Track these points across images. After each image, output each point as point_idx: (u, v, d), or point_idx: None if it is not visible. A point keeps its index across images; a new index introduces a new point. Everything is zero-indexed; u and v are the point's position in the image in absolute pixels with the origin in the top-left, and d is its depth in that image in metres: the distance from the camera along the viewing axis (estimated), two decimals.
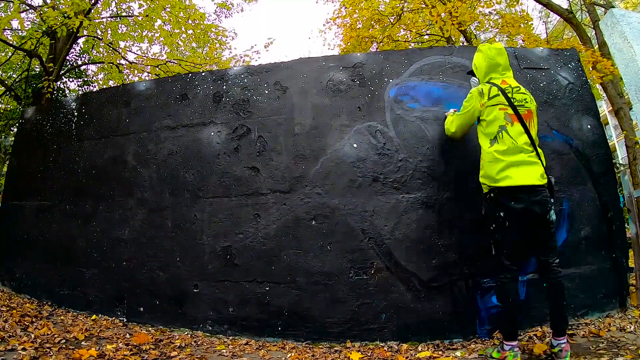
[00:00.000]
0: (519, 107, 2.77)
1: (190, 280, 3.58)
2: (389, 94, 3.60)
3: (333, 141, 3.54)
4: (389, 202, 3.37)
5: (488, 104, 2.79)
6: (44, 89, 8.07)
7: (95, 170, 4.12)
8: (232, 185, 3.64)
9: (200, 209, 3.67)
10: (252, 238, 3.50)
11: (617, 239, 3.42)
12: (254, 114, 3.74)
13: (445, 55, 3.71)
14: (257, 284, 3.42)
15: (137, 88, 4.23)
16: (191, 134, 3.85)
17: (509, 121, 2.75)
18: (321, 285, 3.32)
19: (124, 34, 9.93)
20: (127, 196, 3.93)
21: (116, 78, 9.79)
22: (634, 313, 3.24)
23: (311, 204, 3.44)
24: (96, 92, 5.62)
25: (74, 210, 4.11)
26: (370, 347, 3.12)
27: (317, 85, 3.69)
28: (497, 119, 2.76)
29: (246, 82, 3.84)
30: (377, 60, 3.73)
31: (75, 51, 11.80)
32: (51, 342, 2.84)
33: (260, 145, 3.65)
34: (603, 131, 3.68)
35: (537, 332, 3.06)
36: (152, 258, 3.72)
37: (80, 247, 3.99)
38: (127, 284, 3.76)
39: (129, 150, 4.02)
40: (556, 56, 3.84)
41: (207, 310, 3.50)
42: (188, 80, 4.04)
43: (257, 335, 3.35)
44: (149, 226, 3.80)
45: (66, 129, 4.38)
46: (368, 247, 3.32)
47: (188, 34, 9.37)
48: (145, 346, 2.99)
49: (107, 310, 3.77)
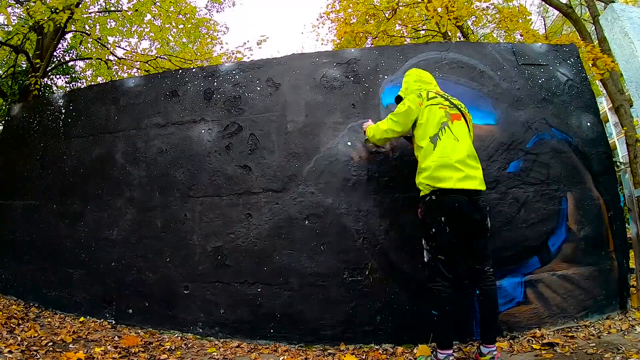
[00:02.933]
0: (459, 109, 2.80)
1: (181, 281, 3.52)
2: (384, 90, 3.55)
3: (327, 139, 3.49)
4: (384, 201, 3.32)
5: (427, 104, 2.77)
6: (30, 85, 7.93)
7: (83, 169, 4.05)
8: (223, 184, 3.58)
9: (191, 208, 3.61)
10: (243, 238, 3.44)
11: (617, 239, 3.39)
12: (246, 111, 3.68)
13: (441, 51, 3.68)
14: (249, 285, 3.37)
15: (126, 85, 4.17)
16: (181, 131, 3.79)
17: (449, 119, 2.73)
18: (314, 287, 3.27)
19: (112, 29, 9.76)
20: (116, 195, 3.86)
21: (105, 74, 9.69)
22: (634, 315, 3.20)
23: (304, 203, 3.39)
24: (84, 88, 5.57)
25: (62, 209, 4.04)
26: (365, 349, 3.08)
27: (311, 82, 3.65)
28: (438, 116, 2.72)
29: (238, 78, 3.79)
30: (372, 56, 3.69)
31: (62, 47, 11.65)
32: (38, 344, 2.81)
33: (252, 143, 3.60)
34: (603, 129, 3.66)
35: (535, 334, 3.02)
36: (141, 259, 3.66)
37: (68, 248, 3.92)
38: (116, 285, 3.70)
39: (117, 148, 3.95)
40: (555, 52, 3.80)
41: (197, 312, 3.44)
42: (178, 76, 3.98)
43: (249, 338, 3.30)
44: (138, 226, 3.74)
45: (53, 126, 4.30)
46: (362, 248, 3.27)
47: (178, 28, 9.27)
48: (135, 349, 2.95)
49: (95, 312, 3.71)
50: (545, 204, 3.31)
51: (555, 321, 3.13)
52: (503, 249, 3.18)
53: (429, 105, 2.75)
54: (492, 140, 3.39)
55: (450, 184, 2.56)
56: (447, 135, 2.67)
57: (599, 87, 11.45)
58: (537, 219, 3.28)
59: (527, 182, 3.34)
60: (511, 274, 3.17)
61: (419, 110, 2.78)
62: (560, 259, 3.24)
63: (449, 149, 2.64)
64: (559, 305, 3.17)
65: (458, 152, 2.63)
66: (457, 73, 3.57)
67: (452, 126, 2.70)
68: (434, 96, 2.80)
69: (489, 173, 3.30)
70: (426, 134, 2.73)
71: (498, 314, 2.69)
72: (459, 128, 2.72)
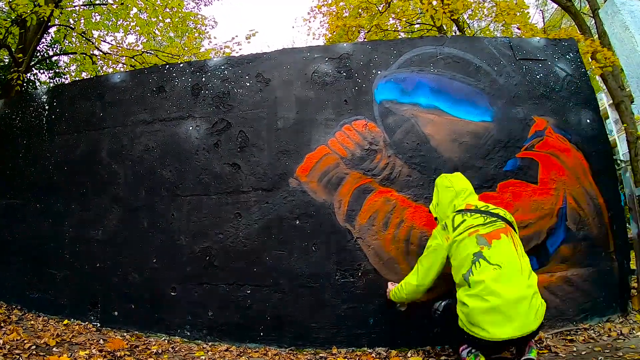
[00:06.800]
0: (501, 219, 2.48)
1: (168, 283, 3.47)
2: (378, 86, 3.49)
3: (318, 136, 3.43)
4: (377, 199, 3.27)
5: (453, 237, 2.48)
6: (13, 80, 7.78)
7: (67, 167, 3.97)
8: (212, 182, 3.52)
9: (178, 207, 3.55)
10: (232, 238, 3.39)
11: (617, 240, 3.34)
12: (235, 108, 3.61)
13: (436, 45, 3.62)
14: (238, 287, 3.32)
15: (112, 80, 4.08)
16: (168, 128, 3.72)
17: (486, 243, 2.37)
18: (305, 288, 3.23)
19: (97, 23, 9.60)
20: (101, 194, 3.78)
21: (89, 69, 9.50)
22: (635, 317, 3.15)
23: (295, 202, 3.34)
24: (68, 84, 5.47)
25: (45, 209, 3.95)
26: (357, 353, 3.04)
27: (302, 77, 3.58)
28: (468, 249, 2.39)
29: (226, 73, 3.71)
30: (365, 50, 3.63)
31: (46, 41, 11.51)
32: (21, 348, 2.77)
33: (241, 141, 3.53)
34: (603, 126, 3.62)
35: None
36: (127, 260, 3.60)
37: (52, 248, 3.85)
38: (101, 287, 3.63)
39: (102, 145, 3.87)
40: (554, 46, 3.76)
41: (185, 314, 3.39)
42: (165, 71, 3.89)
43: (238, 341, 3.25)
44: (124, 226, 3.67)
45: (36, 123, 4.21)
46: (355, 248, 3.23)
47: (165, 22, 9.16)
48: (120, 352, 2.89)
49: (80, 315, 3.64)
50: (543, 203, 3.25)
51: (554, 324, 3.08)
52: None
53: (454, 239, 2.46)
54: (488, 138, 3.36)
55: (489, 335, 2.19)
56: (482, 268, 2.30)
57: (599, 82, 11.44)
58: (534, 219, 3.22)
59: (524, 180, 3.29)
60: None
61: (448, 243, 2.50)
62: (558, 260, 3.19)
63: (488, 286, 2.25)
64: (558, 308, 3.12)
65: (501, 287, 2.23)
66: (453, 68, 3.52)
67: (491, 251, 2.33)
68: (461, 220, 2.49)
69: (486, 172, 3.27)
70: (459, 272, 2.41)
71: None
72: (500, 249, 2.34)
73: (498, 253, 2.33)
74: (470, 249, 2.38)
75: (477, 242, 2.38)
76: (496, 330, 2.17)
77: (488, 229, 2.42)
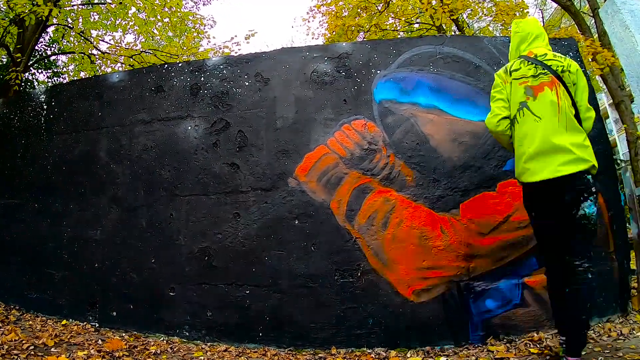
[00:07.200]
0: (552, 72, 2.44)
1: (166, 283, 3.46)
2: (377, 86, 3.48)
3: (317, 136, 3.42)
4: (376, 200, 3.25)
5: (509, 79, 2.56)
6: (11, 80, 7.76)
7: (65, 167, 3.96)
8: (211, 182, 3.52)
9: (177, 207, 3.55)
10: (231, 238, 3.39)
11: (617, 240, 3.32)
12: (234, 107, 3.61)
13: (436, 45, 3.60)
14: (237, 287, 3.32)
15: (110, 80, 4.06)
16: (167, 128, 3.71)
17: (532, 94, 2.44)
18: (305, 289, 3.23)
19: (96, 22, 9.56)
20: (100, 194, 3.77)
21: (88, 69, 9.47)
22: (635, 317, 3.13)
23: (294, 202, 3.34)
24: (67, 83, 5.50)
25: (44, 208, 3.94)
26: (356, 353, 3.03)
27: (301, 77, 3.57)
28: (517, 95, 2.50)
29: (225, 73, 3.70)
30: (364, 50, 3.61)
31: (44, 41, 11.49)
32: (19, 348, 2.75)
33: (240, 140, 3.53)
34: (603, 125, 3.59)
35: (533, 337, 2.97)
36: (125, 260, 3.59)
37: (50, 248, 3.84)
38: (100, 287, 3.63)
39: (101, 145, 3.86)
40: (553, 46, 3.67)
41: (183, 314, 3.39)
42: (164, 71, 3.89)
43: (237, 342, 3.24)
44: (122, 226, 3.66)
45: (35, 122, 4.19)
46: (354, 248, 3.22)
47: (164, 22, 9.12)
48: (119, 353, 2.88)
49: (78, 315, 3.63)
50: None
51: (554, 324, 3.04)
52: (500, 250, 3.12)
53: (511, 81, 2.54)
54: (488, 137, 3.32)
55: (528, 178, 2.40)
56: (525, 118, 2.44)
57: (599, 82, 11.42)
58: None
59: None
60: (508, 276, 3.11)
61: (505, 87, 2.59)
62: None
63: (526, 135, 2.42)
64: None
65: (537, 136, 2.37)
66: (452, 68, 3.50)
67: (535, 103, 2.42)
68: (517, 67, 2.53)
69: (485, 171, 3.26)
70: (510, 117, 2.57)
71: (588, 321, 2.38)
72: (544, 102, 2.40)
73: (542, 105, 2.41)
74: (518, 97, 2.50)
75: (525, 92, 2.47)
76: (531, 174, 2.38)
77: (536, 81, 2.47)
